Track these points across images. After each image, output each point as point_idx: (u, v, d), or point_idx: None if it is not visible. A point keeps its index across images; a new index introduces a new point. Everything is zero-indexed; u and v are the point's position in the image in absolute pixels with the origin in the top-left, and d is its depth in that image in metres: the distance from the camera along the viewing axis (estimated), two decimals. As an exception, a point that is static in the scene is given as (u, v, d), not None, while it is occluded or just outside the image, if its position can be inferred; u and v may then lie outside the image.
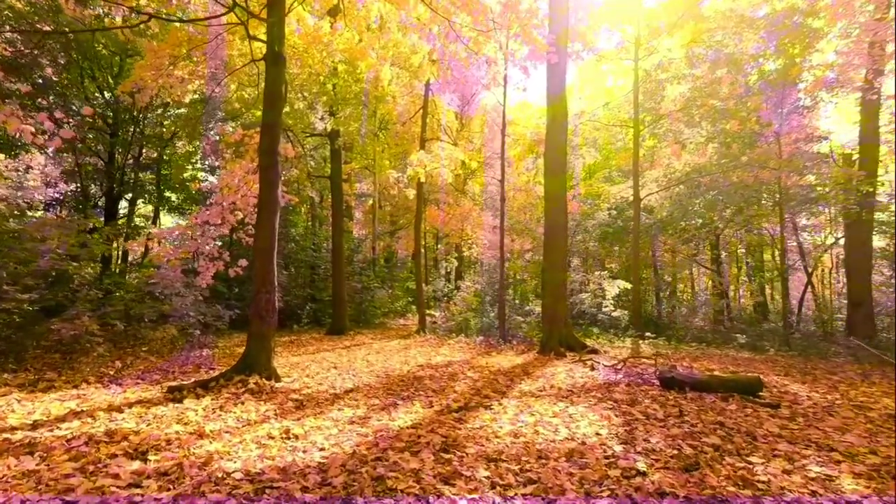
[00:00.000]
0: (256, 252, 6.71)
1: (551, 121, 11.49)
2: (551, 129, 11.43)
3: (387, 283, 22.46)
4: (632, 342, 11.57)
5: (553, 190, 11.40)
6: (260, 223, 6.73)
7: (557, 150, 11.34)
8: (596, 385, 6.59)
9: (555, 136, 11.34)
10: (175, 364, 8.13)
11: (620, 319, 13.12)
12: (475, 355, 10.68)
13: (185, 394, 5.62)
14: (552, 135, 11.40)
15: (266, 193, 6.74)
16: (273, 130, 6.87)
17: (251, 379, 6.17)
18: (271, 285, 6.65)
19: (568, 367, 8.24)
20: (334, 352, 11.02)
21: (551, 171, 11.43)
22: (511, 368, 8.31)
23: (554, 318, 10.87)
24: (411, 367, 8.58)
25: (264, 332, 6.55)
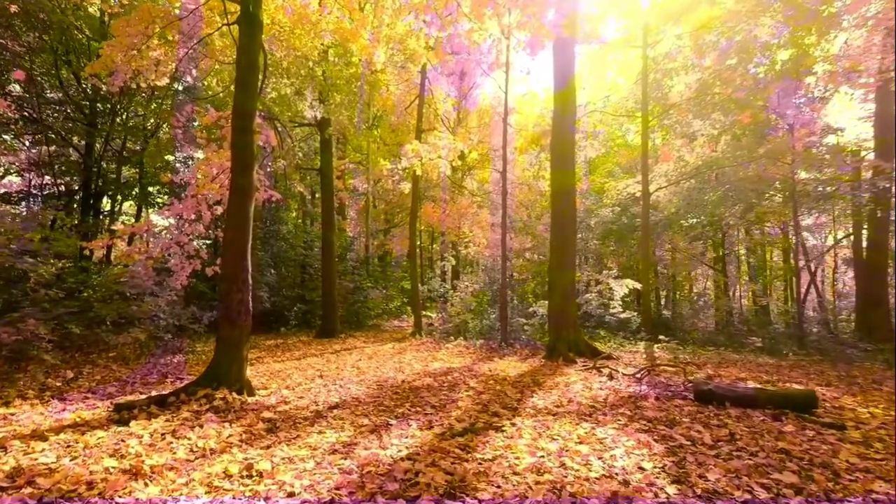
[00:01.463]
0: (226, 244, 5.78)
1: (559, 110, 10.63)
2: (559, 119, 10.57)
3: (381, 282, 21.52)
4: (645, 346, 10.72)
5: (560, 184, 10.54)
6: (231, 211, 5.80)
7: (565, 141, 10.49)
8: (620, 399, 5.71)
9: (562, 126, 10.48)
10: (139, 374, 7.18)
11: (631, 322, 12.27)
12: (476, 361, 9.79)
13: (135, 413, 4.68)
14: (560, 125, 10.54)
15: (238, 176, 5.82)
16: (247, 105, 5.96)
17: (218, 393, 5.24)
18: (244, 283, 5.73)
19: (582, 376, 7.36)
20: (322, 357, 10.08)
21: (559, 164, 10.57)
22: (518, 377, 7.42)
23: (562, 321, 10.00)
24: (406, 376, 7.67)
25: (236, 338, 5.62)
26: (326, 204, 14.54)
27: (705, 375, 6.17)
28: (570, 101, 10.60)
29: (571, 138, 10.65)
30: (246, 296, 5.73)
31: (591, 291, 13.90)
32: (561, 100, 10.64)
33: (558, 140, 10.56)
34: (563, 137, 10.48)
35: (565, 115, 10.52)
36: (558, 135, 10.56)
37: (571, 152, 10.64)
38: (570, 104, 10.60)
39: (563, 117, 10.52)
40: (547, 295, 17.53)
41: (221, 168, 8.01)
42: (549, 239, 10.76)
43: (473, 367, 8.67)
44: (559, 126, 10.56)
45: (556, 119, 10.73)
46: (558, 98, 10.74)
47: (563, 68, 10.62)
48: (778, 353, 11.02)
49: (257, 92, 6.10)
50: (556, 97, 10.80)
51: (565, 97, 10.57)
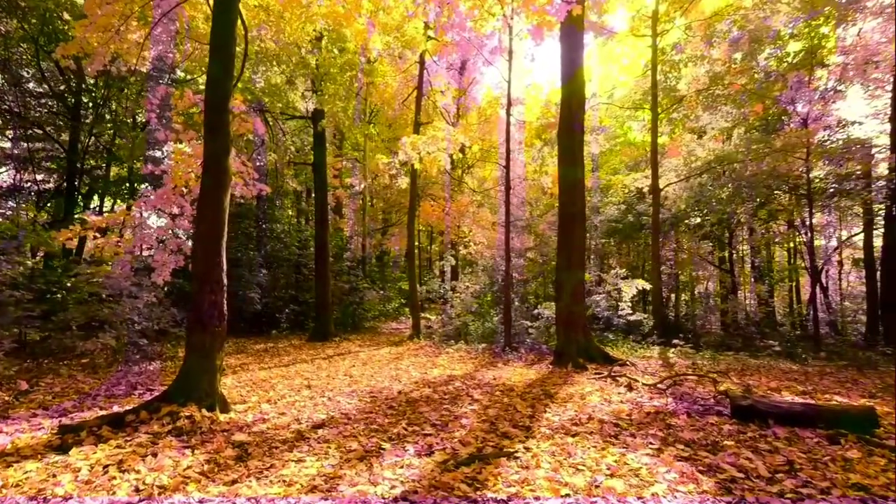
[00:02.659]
0: (197, 238, 5.08)
1: (566, 102, 9.95)
2: (567, 112, 9.89)
3: (378, 283, 20.82)
4: (660, 352, 10.03)
5: (569, 179, 9.86)
6: (203, 201, 5.10)
7: (574, 134, 9.81)
8: (646, 415, 5.01)
9: (571, 118, 9.80)
10: (106, 385, 6.46)
11: (643, 324, 11.58)
12: (478, 367, 9.09)
13: (81, 437, 3.97)
14: (567, 118, 9.85)
15: (212, 161, 5.11)
16: (223, 81, 5.25)
17: (185, 410, 4.53)
18: (218, 283, 5.02)
19: (597, 386, 6.67)
20: (313, 363, 9.37)
21: (567, 158, 9.88)
22: (527, 387, 6.72)
23: (571, 324, 9.31)
24: (403, 385, 6.97)
25: (207, 346, 4.91)
26: (320, 201, 13.83)
27: (742, 388, 5.48)
28: (578, 92, 9.92)
29: (580, 131, 9.98)
30: (220, 297, 5.02)
31: (598, 292, 13.21)
32: (569, 91, 9.96)
33: (566, 133, 9.89)
34: (572, 130, 9.81)
35: (574, 107, 9.85)
36: (566, 127, 9.88)
37: (580, 145, 9.96)
38: (578, 95, 9.92)
39: (571, 109, 9.85)
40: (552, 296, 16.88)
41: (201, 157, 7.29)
42: (557, 237, 10.07)
43: (476, 375, 7.97)
44: (567, 118, 9.88)
45: (563, 111, 10.05)
46: (566, 89, 10.06)
47: (570, 58, 9.95)
48: (796, 357, 10.37)
49: (233, 64, 5.40)
50: (564, 88, 10.13)
51: (573, 88, 9.90)
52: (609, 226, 17.01)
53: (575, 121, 9.80)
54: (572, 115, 9.80)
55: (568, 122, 9.85)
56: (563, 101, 10.14)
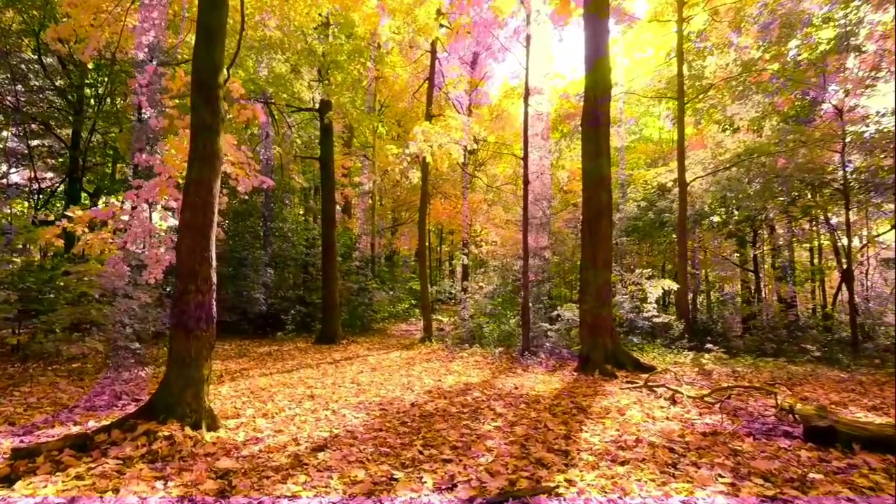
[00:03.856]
0: (182, 229, 4.44)
1: (591, 90, 9.22)
2: (591, 100, 9.16)
3: (387, 283, 20.17)
4: (693, 357, 9.25)
5: (594, 172, 9.13)
6: (190, 188, 4.46)
7: (599, 125, 9.08)
8: (702, 437, 4.27)
9: (596, 108, 9.07)
10: (88, 394, 5.85)
11: (672, 327, 10.79)
12: (496, 374, 8.40)
13: (38, 463, 3.33)
14: (592, 107, 9.12)
15: (200, 141, 4.47)
16: (212, 50, 4.62)
17: (165, 429, 3.89)
18: (205, 281, 4.38)
19: (634, 398, 5.93)
20: (318, 368, 8.73)
21: (592, 150, 9.15)
22: (554, 399, 6.01)
23: (597, 328, 8.58)
24: (416, 396, 6.29)
25: (192, 354, 4.27)
26: (327, 197, 13.22)
27: (813, 406, 4.70)
28: (603, 81, 9.19)
29: (606, 121, 9.25)
30: (207, 297, 4.38)
31: (620, 293, 12.44)
32: (593, 79, 9.24)
33: (591, 124, 9.16)
34: (596, 120, 9.08)
35: (598, 96, 9.12)
36: (591, 118, 9.15)
37: (606, 136, 9.22)
38: (603, 84, 9.18)
39: (595, 99, 9.12)
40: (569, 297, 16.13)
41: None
42: (581, 234, 9.35)
43: (495, 384, 7.27)
44: (591, 109, 9.15)
45: (587, 101, 9.32)
46: (590, 78, 9.34)
47: (595, 45, 9.23)
48: (838, 363, 9.56)
49: (223, 31, 4.76)
50: (588, 77, 9.40)
51: (597, 77, 9.17)
52: (628, 223, 16.24)
53: (600, 111, 9.08)
54: (597, 105, 9.08)
55: (592, 112, 9.12)
56: (586, 90, 9.42)
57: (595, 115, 9.10)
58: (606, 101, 9.29)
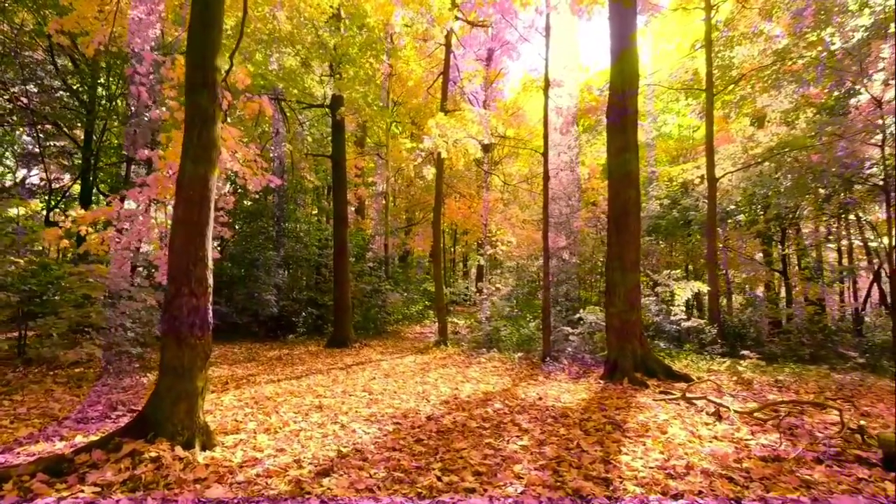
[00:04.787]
0: (176, 226, 4.02)
1: (617, 80, 8.64)
2: (617, 94, 8.58)
3: (401, 284, 19.74)
4: (729, 365, 8.60)
5: (621, 167, 8.55)
6: (183, 181, 4.04)
7: (626, 118, 8.51)
8: (763, 463, 3.72)
9: (623, 99, 8.49)
10: (82, 404, 5.48)
11: (704, 332, 10.15)
12: (516, 381, 7.89)
13: (4, 492, 2.93)
14: (618, 100, 8.55)
15: (195, 128, 4.06)
16: (209, 27, 4.20)
17: (153, 449, 3.47)
18: (200, 283, 3.96)
19: (672, 412, 5.37)
20: (328, 374, 8.30)
21: (618, 144, 8.58)
22: (583, 412, 5.48)
23: (625, 333, 8.02)
24: (432, 407, 5.81)
25: (185, 365, 3.84)
26: (339, 195, 12.82)
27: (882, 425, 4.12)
28: (630, 72, 8.62)
29: (633, 114, 8.66)
30: (202, 301, 3.95)
31: (645, 295, 11.81)
32: (619, 70, 8.67)
33: (617, 117, 8.60)
34: (623, 113, 8.51)
35: (626, 89, 8.55)
36: (617, 111, 8.58)
37: (633, 130, 8.63)
38: (630, 75, 8.61)
39: (622, 91, 8.55)
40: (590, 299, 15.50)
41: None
42: (607, 232, 8.80)
43: (517, 393, 6.76)
44: (618, 101, 8.57)
45: (613, 93, 8.73)
46: (616, 69, 8.77)
47: (621, 34, 8.67)
48: (884, 371, 8.85)
49: (222, 13, 4.34)
50: (614, 68, 8.83)
51: (624, 67, 8.60)
52: (650, 223, 15.57)
53: (627, 103, 8.50)
54: (624, 97, 8.50)
55: (619, 104, 8.54)
56: (612, 81, 8.84)
57: (622, 108, 8.53)
58: (634, 93, 8.70)
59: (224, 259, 15.28)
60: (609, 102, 8.83)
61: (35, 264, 8.11)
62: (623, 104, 8.50)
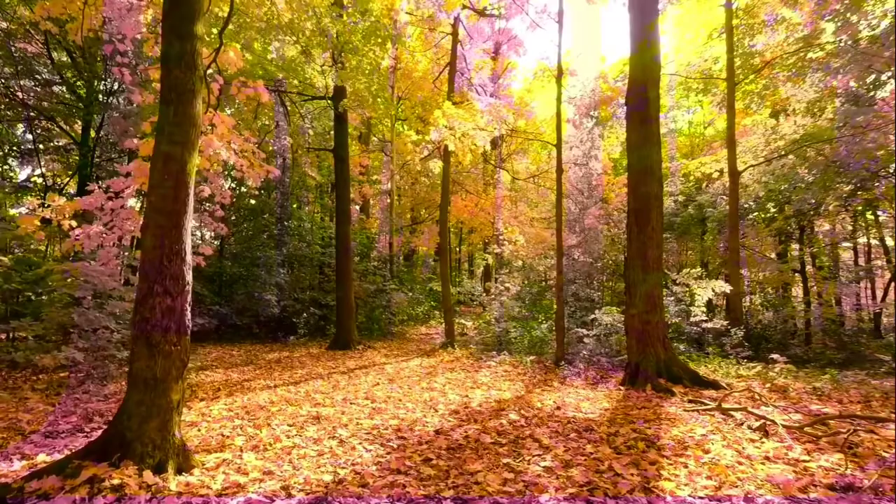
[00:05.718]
0: (149, 215, 3.51)
1: (639, 68, 8.08)
2: (640, 80, 8.01)
3: (406, 284, 19.22)
4: (760, 370, 8.00)
5: (642, 161, 7.98)
6: (157, 162, 3.53)
7: (647, 109, 7.94)
8: (834, 495, 3.16)
9: (645, 88, 7.92)
10: (55, 415, 4.99)
11: (731, 334, 9.54)
12: (530, 387, 7.36)
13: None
14: (639, 91, 7.98)
15: (170, 105, 3.55)
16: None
17: (116, 473, 2.96)
18: (176, 280, 3.44)
19: (709, 426, 4.80)
20: (329, 379, 7.79)
21: (640, 137, 8.02)
22: (609, 423, 4.92)
23: (646, 336, 7.45)
24: (440, 418, 5.28)
25: (158, 375, 3.33)
26: (342, 192, 12.31)
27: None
28: (652, 59, 8.05)
29: (655, 103, 8.10)
30: (178, 302, 3.44)
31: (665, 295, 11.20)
32: (640, 58, 8.10)
33: (638, 107, 8.02)
34: (645, 102, 7.94)
35: (647, 76, 7.99)
36: (638, 100, 8.01)
37: (655, 120, 8.07)
38: (653, 62, 8.04)
39: (644, 79, 7.98)
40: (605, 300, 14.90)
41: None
42: (627, 228, 8.22)
43: (532, 401, 6.22)
44: (639, 90, 8.00)
45: (634, 82, 8.15)
46: (637, 57, 8.20)
47: (643, 18, 8.10)
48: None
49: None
50: (635, 56, 8.26)
51: (646, 54, 8.04)
52: (666, 220, 14.95)
53: (649, 92, 7.94)
54: (646, 86, 7.92)
55: (640, 93, 7.97)
56: (632, 69, 8.27)
57: (643, 96, 7.95)
58: (656, 80, 8.14)
59: (225, 258, 14.84)
60: (629, 90, 8.25)
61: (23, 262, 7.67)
62: (644, 92, 7.93)
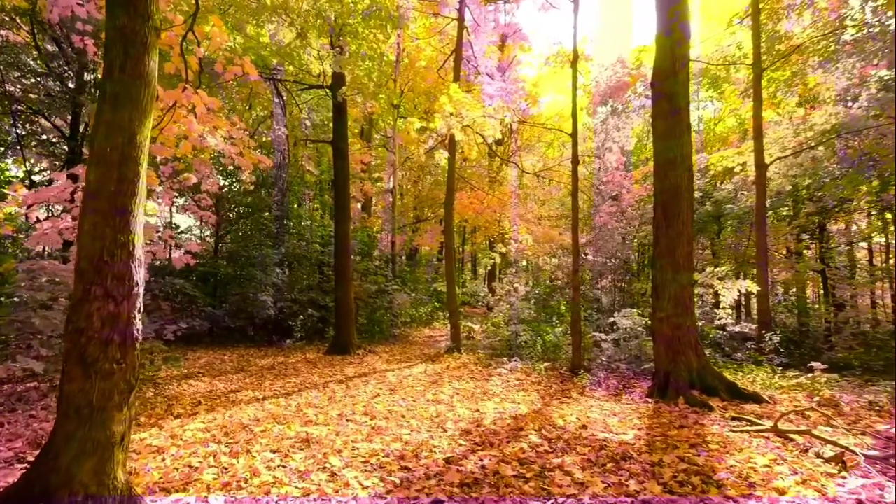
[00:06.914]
0: (87, 199, 2.79)
1: (667, 49, 7.30)
2: (669, 61, 7.23)
3: (409, 284, 18.49)
4: (804, 380, 7.22)
5: (670, 150, 7.21)
6: (99, 130, 2.81)
7: (678, 84, 7.17)
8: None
9: (674, 71, 7.15)
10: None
11: (764, 339, 8.78)
12: (547, 398, 6.63)
13: None
14: (665, 76, 7.22)
15: (115, 60, 2.83)
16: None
17: (30, 536, 2.23)
18: (121, 281, 2.72)
19: (769, 453, 4.05)
20: (324, 390, 7.06)
21: (667, 125, 7.26)
22: (650, 450, 4.18)
23: (677, 342, 6.70)
24: (450, 440, 4.55)
25: (95, 402, 2.61)
26: (341, 186, 11.59)
27: None
28: (682, 40, 7.28)
29: (685, 86, 7.31)
30: (125, 309, 2.72)
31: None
32: (669, 40, 7.32)
33: (666, 91, 7.26)
34: (674, 87, 7.18)
35: (676, 59, 7.20)
36: (666, 84, 7.25)
37: (685, 100, 7.31)
38: (682, 42, 7.27)
39: (672, 62, 7.19)
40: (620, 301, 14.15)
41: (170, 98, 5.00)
42: (653, 222, 7.47)
43: (551, 416, 5.49)
44: (668, 66, 7.23)
45: (661, 64, 7.38)
46: (664, 39, 7.41)
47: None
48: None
49: None
50: (662, 38, 7.46)
51: (675, 36, 7.26)
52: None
53: (678, 67, 7.17)
54: (675, 68, 7.14)
55: (669, 68, 7.19)
56: (660, 50, 7.47)
57: (672, 79, 7.18)
58: (686, 61, 7.36)
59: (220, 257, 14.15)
60: (655, 72, 7.47)
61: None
62: (674, 73, 7.17)
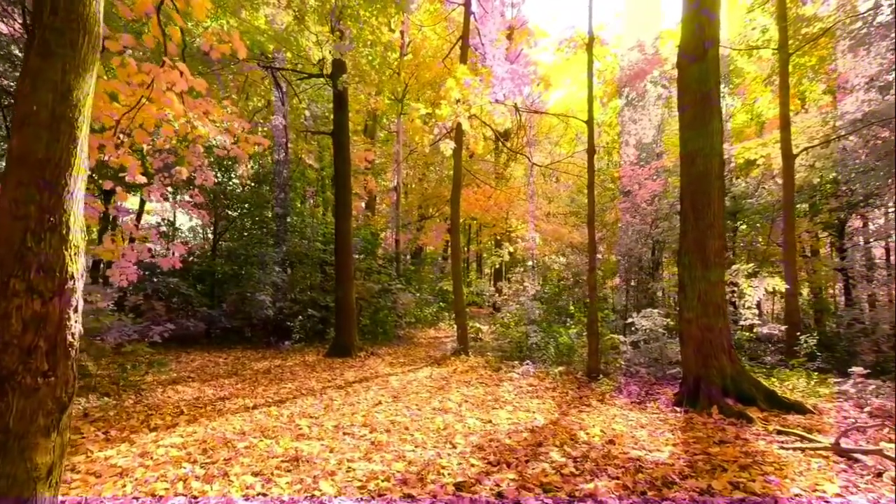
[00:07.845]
0: (9, 168, 2.23)
1: (696, 28, 6.66)
2: (697, 41, 6.60)
3: (413, 283, 17.93)
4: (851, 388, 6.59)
5: (698, 138, 6.58)
6: (24, 85, 2.26)
7: (708, 75, 6.55)
8: None
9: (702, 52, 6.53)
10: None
11: (799, 343, 8.14)
12: (564, 406, 6.04)
13: None
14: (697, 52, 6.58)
15: (50, 3, 2.27)
16: None
17: None
18: (50, 273, 2.16)
19: (835, 478, 3.45)
20: (322, 396, 6.50)
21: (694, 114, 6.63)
22: (693, 473, 3.58)
23: (708, 345, 6.09)
24: (460, 458, 3.97)
25: (12, 426, 2.04)
26: (341, 181, 11.03)
27: None
28: (711, 14, 6.65)
29: (715, 65, 6.67)
30: (55, 307, 2.16)
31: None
32: (696, 17, 6.68)
33: (694, 73, 6.64)
34: (702, 71, 6.56)
35: (706, 36, 6.56)
36: (693, 76, 6.63)
37: (715, 78, 6.67)
38: (711, 17, 6.65)
39: (701, 39, 6.56)
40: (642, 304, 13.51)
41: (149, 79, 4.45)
42: (681, 217, 6.83)
43: (571, 428, 4.90)
44: (694, 52, 6.61)
45: (688, 46, 6.74)
46: (691, 17, 6.77)
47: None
48: None
49: None
50: (688, 16, 6.82)
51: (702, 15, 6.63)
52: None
53: (707, 39, 6.55)
54: (703, 49, 6.51)
55: (698, 41, 6.57)
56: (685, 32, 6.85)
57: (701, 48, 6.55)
58: (716, 40, 6.73)
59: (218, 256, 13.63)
60: (682, 47, 6.85)
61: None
62: (703, 49, 6.55)
